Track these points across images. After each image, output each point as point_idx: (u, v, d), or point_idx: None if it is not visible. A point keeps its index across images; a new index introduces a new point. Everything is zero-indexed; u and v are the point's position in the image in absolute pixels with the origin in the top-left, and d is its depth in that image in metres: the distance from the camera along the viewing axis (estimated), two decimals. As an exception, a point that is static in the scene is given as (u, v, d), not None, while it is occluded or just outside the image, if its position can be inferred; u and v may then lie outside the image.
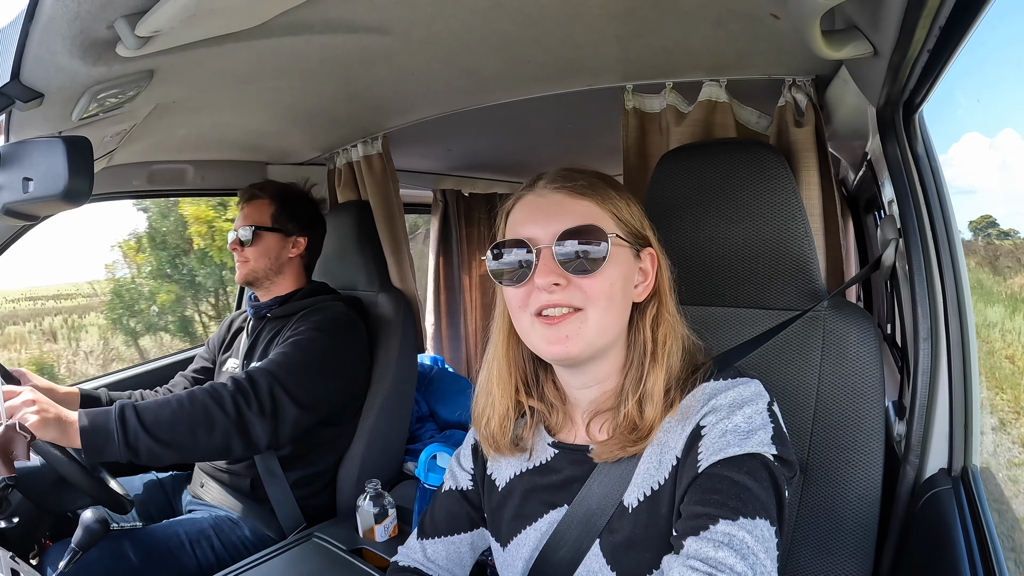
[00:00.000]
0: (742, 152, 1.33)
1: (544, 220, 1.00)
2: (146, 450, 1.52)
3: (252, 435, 1.68)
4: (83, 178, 1.04)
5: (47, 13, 0.94)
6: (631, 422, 0.99)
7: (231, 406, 1.65)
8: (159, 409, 1.58)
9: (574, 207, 1.00)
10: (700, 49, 1.49)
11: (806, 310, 1.22)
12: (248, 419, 1.67)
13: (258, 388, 1.71)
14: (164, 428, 1.55)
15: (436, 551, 1.22)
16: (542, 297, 0.97)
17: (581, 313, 0.97)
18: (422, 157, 3.09)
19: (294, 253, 2.12)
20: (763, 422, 0.93)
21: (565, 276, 0.97)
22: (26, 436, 1.32)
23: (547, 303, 0.97)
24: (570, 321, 0.96)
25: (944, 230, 1.21)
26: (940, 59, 0.99)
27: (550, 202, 1.02)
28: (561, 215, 0.99)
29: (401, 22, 1.34)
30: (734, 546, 0.81)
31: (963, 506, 1.04)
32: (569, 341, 0.96)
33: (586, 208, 1.01)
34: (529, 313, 0.99)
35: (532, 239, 0.99)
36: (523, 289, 1.00)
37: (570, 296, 0.97)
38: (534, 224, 1.00)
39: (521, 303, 1.00)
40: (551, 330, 0.97)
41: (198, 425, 1.60)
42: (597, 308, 0.97)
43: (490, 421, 1.13)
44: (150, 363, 2.73)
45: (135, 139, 1.86)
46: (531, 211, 1.03)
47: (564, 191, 1.02)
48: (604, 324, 0.98)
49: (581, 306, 0.97)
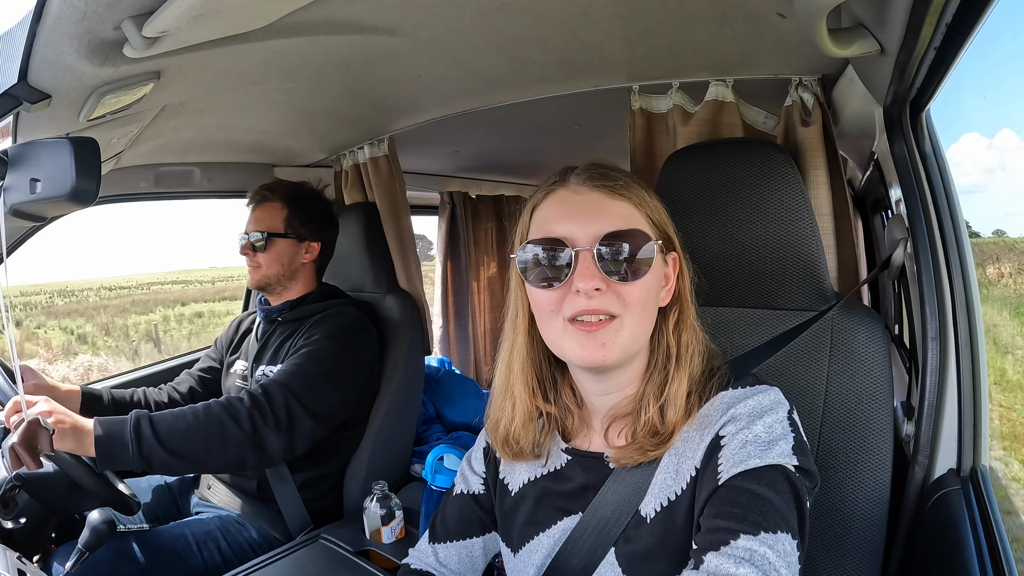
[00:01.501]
0: (749, 152, 1.32)
1: (582, 220, 0.94)
2: (159, 462, 1.53)
3: (267, 449, 1.69)
4: (90, 179, 1.04)
5: (54, 14, 0.94)
6: (652, 427, 0.97)
7: (247, 421, 1.66)
8: (174, 421, 1.59)
9: (614, 208, 0.96)
10: (706, 49, 1.49)
11: (821, 312, 1.21)
12: (263, 434, 1.67)
13: (274, 403, 1.71)
14: (179, 441, 1.56)
15: (448, 555, 1.21)
16: (579, 302, 0.92)
17: (617, 320, 0.93)
18: (428, 159, 3.10)
19: (307, 259, 2.10)
20: (784, 432, 0.91)
21: (606, 281, 0.92)
22: (49, 430, 1.34)
23: (585, 309, 0.92)
24: (607, 329, 0.93)
25: (952, 229, 1.20)
26: (947, 57, 0.98)
27: (587, 200, 0.97)
28: (601, 216, 0.94)
29: (407, 23, 1.35)
30: (755, 562, 0.79)
31: (972, 507, 1.03)
32: (606, 349, 0.92)
33: (625, 210, 0.97)
34: (562, 318, 0.95)
35: (570, 239, 0.94)
36: (557, 292, 0.95)
37: (608, 302, 0.92)
38: (571, 223, 0.95)
39: (554, 307, 0.95)
40: (588, 337, 0.93)
41: (212, 439, 1.61)
42: (633, 315, 0.94)
43: (511, 424, 1.09)
44: (156, 365, 2.74)
45: (142, 141, 1.87)
46: (566, 208, 0.97)
47: (603, 190, 0.97)
48: (638, 331, 0.96)
49: (618, 313, 0.93)
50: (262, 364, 2.03)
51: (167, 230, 78.11)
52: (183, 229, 55.34)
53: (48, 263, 36.53)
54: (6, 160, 1.08)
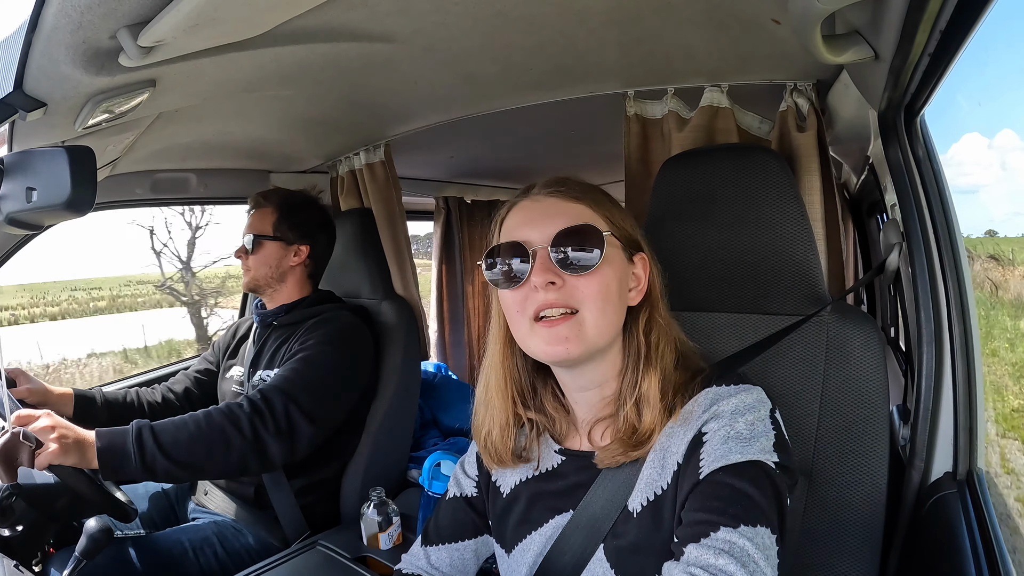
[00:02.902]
0: (744, 157, 1.33)
1: (540, 222, 1.00)
2: (163, 471, 1.53)
3: (268, 455, 1.69)
4: (86, 187, 1.04)
5: (50, 23, 0.94)
6: (630, 426, 1.00)
7: (248, 427, 1.66)
8: (176, 430, 1.59)
9: (569, 209, 1.02)
10: (701, 55, 1.49)
11: (811, 315, 1.22)
12: (265, 440, 1.68)
13: (274, 408, 1.72)
14: (182, 449, 1.56)
15: (440, 558, 1.22)
16: (539, 297, 0.97)
17: (578, 315, 0.97)
18: (424, 165, 3.10)
19: (295, 262, 2.11)
20: (765, 429, 0.93)
21: (560, 275, 0.97)
22: (31, 444, 1.33)
23: (544, 303, 0.97)
24: (569, 324, 0.96)
25: (947, 233, 1.21)
26: (941, 63, 0.99)
27: (544, 206, 1.03)
28: (556, 217, 1.00)
29: (403, 30, 1.35)
30: (734, 553, 0.81)
31: (968, 510, 1.04)
32: (569, 343, 0.96)
33: (580, 210, 1.02)
34: (527, 317, 0.99)
35: (527, 241, 1.00)
36: (520, 291, 1.00)
37: (566, 296, 0.97)
38: (529, 227, 1.01)
39: (519, 306, 1.00)
40: (550, 332, 0.97)
41: (215, 446, 1.61)
42: (593, 309, 0.97)
43: (491, 433, 1.13)
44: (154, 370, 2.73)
45: (138, 148, 1.87)
46: (526, 215, 1.04)
47: (559, 195, 1.03)
48: (601, 325, 0.99)
49: (577, 307, 0.97)
50: (259, 369, 2.04)
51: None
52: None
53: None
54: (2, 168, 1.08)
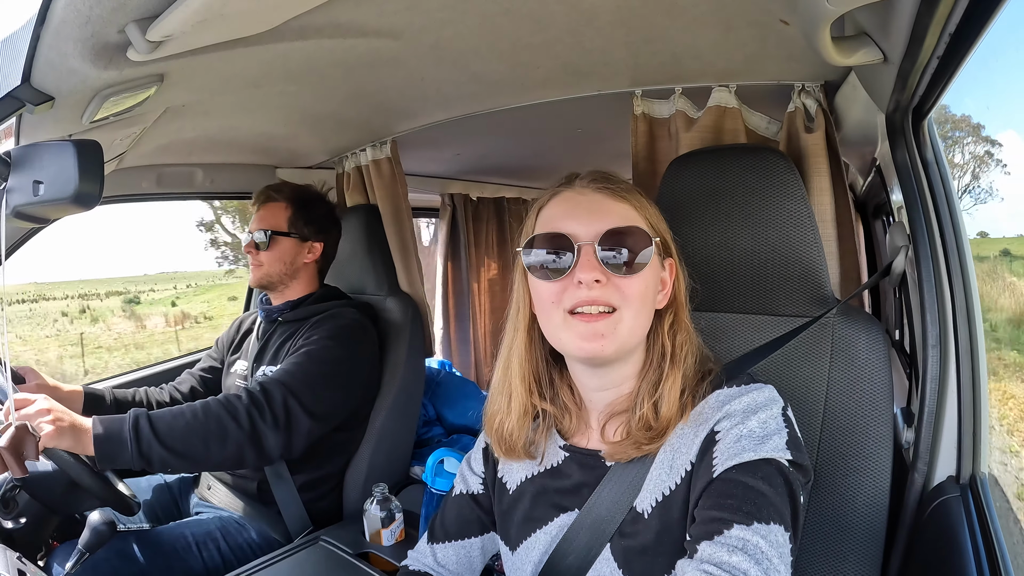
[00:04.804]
0: (752, 158, 1.32)
1: (586, 217, 1.00)
2: (159, 460, 1.53)
3: (265, 447, 1.69)
4: (93, 181, 1.04)
5: (58, 17, 0.94)
6: (646, 423, 1.00)
7: (245, 418, 1.66)
8: (173, 420, 1.58)
9: (615, 208, 1.02)
10: (709, 54, 1.49)
11: (817, 316, 1.22)
12: (262, 432, 1.68)
13: (272, 400, 1.72)
14: (178, 439, 1.56)
15: (446, 555, 1.22)
16: (579, 294, 0.97)
17: (616, 313, 0.97)
18: (431, 161, 3.10)
19: (310, 259, 2.11)
20: (778, 427, 0.93)
21: (606, 274, 0.97)
22: (36, 436, 1.33)
23: (585, 299, 0.96)
24: (607, 321, 0.97)
25: (953, 236, 1.20)
26: (950, 66, 0.98)
27: (591, 200, 1.02)
28: (603, 214, 1.00)
29: (411, 27, 1.35)
30: (748, 551, 0.81)
31: (971, 514, 1.03)
32: (604, 340, 0.96)
33: (626, 211, 1.02)
34: (562, 309, 0.99)
35: (573, 235, 0.99)
36: (558, 284, 0.99)
37: (608, 295, 0.97)
38: (575, 220, 1.00)
39: (555, 297, 1.00)
40: (587, 327, 0.97)
41: (211, 436, 1.61)
42: (631, 309, 0.98)
43: (506, 420, 1.12)
44: (158, 365, 2.74)
45: (145, 142, 1.87)
46: (570, 207, 1.03)
47: (605, 192, 1.03)
48: (635, 326, 0.99)
49: (617, 306, 0.97)
50: (263, 364, 2.04)
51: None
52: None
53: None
54: (9, 162, 1.08)
